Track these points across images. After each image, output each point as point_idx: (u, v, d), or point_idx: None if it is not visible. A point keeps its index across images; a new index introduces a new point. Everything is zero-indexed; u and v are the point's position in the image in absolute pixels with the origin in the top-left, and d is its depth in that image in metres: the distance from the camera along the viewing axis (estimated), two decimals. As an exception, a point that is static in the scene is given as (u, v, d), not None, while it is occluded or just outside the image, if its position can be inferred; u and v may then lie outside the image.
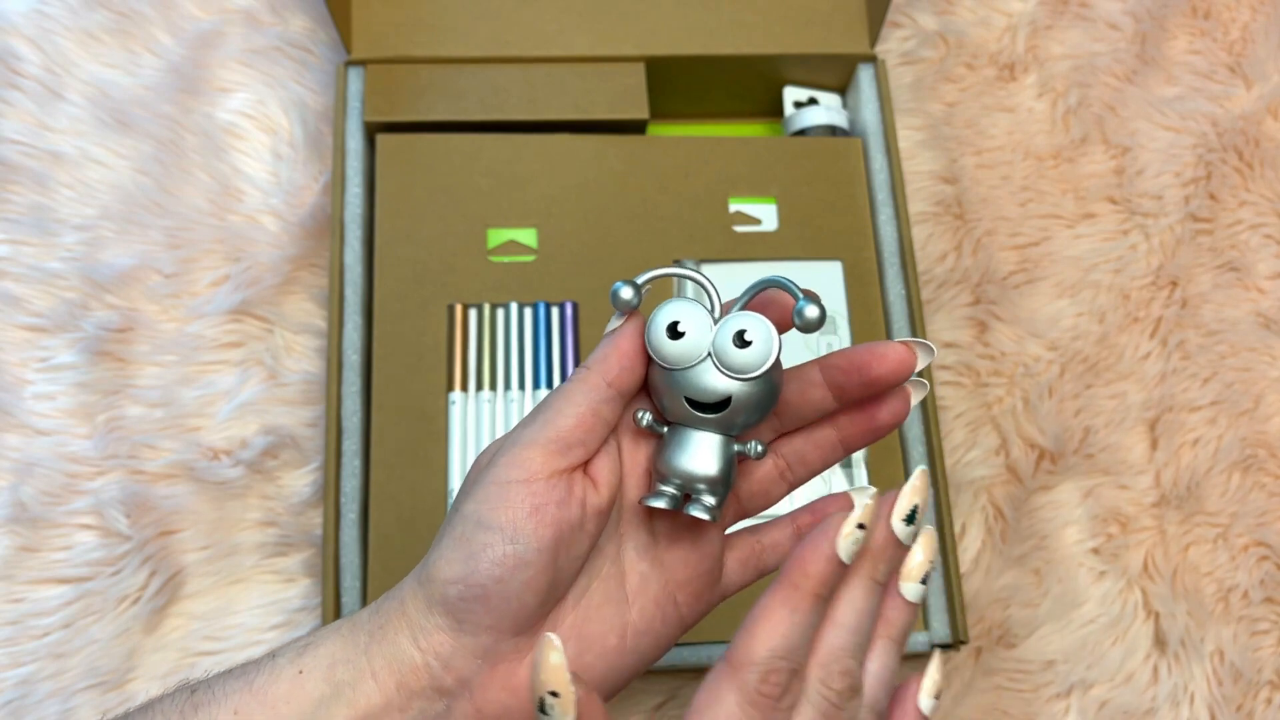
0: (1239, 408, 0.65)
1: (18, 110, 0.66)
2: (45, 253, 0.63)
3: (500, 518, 0.31)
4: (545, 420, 0.32)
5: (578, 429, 0.32)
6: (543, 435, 0.32)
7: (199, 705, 0.31)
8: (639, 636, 0.34)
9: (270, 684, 0.32)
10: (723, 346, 0.32)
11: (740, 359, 0.32)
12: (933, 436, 0.58)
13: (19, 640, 0.56)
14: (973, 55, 0.72)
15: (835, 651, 0.29)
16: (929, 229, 0.68)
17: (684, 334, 0.32)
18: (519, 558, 0.31)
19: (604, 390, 0.33)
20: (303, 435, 0.61)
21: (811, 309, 0.31)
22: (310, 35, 0.69)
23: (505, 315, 0.60)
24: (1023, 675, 0.59)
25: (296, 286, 0.64)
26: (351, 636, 0.33)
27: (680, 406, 0.33)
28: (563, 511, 0.31)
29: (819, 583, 0.29)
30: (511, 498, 0.31)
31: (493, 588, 0.31)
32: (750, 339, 0.32)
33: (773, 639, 0.28)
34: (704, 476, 0.33)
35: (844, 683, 0.29)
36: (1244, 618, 0.60)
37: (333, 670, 0.32)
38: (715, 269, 0.61)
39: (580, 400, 0.32)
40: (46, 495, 0.58)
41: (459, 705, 0.32)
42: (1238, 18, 0.74)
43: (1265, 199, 0.70)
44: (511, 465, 0.31)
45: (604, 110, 0.63)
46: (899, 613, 0.31)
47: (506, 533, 0.31)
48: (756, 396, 0.32)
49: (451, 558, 0.31)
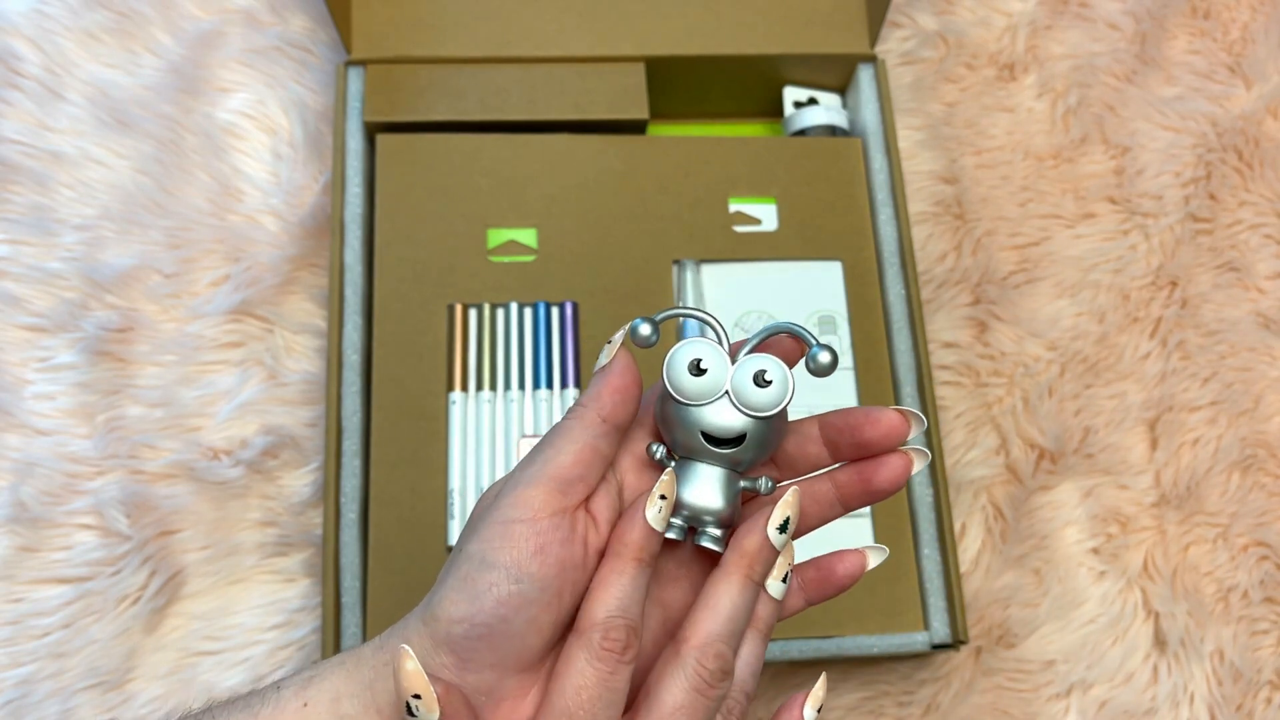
0: (1239, 408, 0.65)
1: (18, 110, 0.66)
2: (45, 253, 0.63)
3: (504, 557, 0.31)
4: (545, 459, 0.33)
5: (577, 465, 0.33)
6: (543, 474, 0.32)
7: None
8: (642, 673, 0.34)
9: (275, 716, 0.32)
10: (742, 385, 0.34)
11: (759, 398, 0.33)
12: (933, 436, 0.58)
13: (19, 640, 0.56)
14: (973, 55, 0.72)
15: (710, 635, 0.32)
16: (929, 229, 0.68)
17: (706, 371, 0.34)
18: (523, 596, 0.31)
19: (600, 426, 0.33)
20: (303, 435, 0.61)
21: (824, 354, 0.33)
22: (310, 35, 0.69)
23: (505, 315, 0.60)
24: (1023, 675, 0.59)
25: (296, 286, 0.64)
26: (356, 671, 0.33)
27: (694, 440, 0.34)
28: (566, 550, 0.32)
29: (637, 549, 0.32)
30: (515, 537, 0.31)
31: (497, 626, 0.31)
32: (770, 379, 0.34)
33: (607, 601, 0.32)
34: (713, 510, 0.34)
35: (717, 664, 0.32)
36: (1244, 618, 0.60)
37: (337, 704, 0.32)
38: (715, 269, 0.61)
39: (578, 437, 0.33)
40: (46, 495, 0.58)
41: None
42: (1238, 18, 0.74)
43: (1265, 199, 0.70)
44: (514, 505, 0.32)
45: (604, 110, 0.63)
46: (765, 608, 0.35)
47: (511, 572, 0.31)
48: (766, 434, 0.34)
49: (456, 598, 0.32)
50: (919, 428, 0.34)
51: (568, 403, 0.58)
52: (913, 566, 0.56)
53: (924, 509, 0.57)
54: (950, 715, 0.58)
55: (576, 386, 0.58)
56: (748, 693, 0.34)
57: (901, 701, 0.58)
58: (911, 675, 0.59)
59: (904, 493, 0.57)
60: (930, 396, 0.59)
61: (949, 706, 0.58)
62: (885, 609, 0.55)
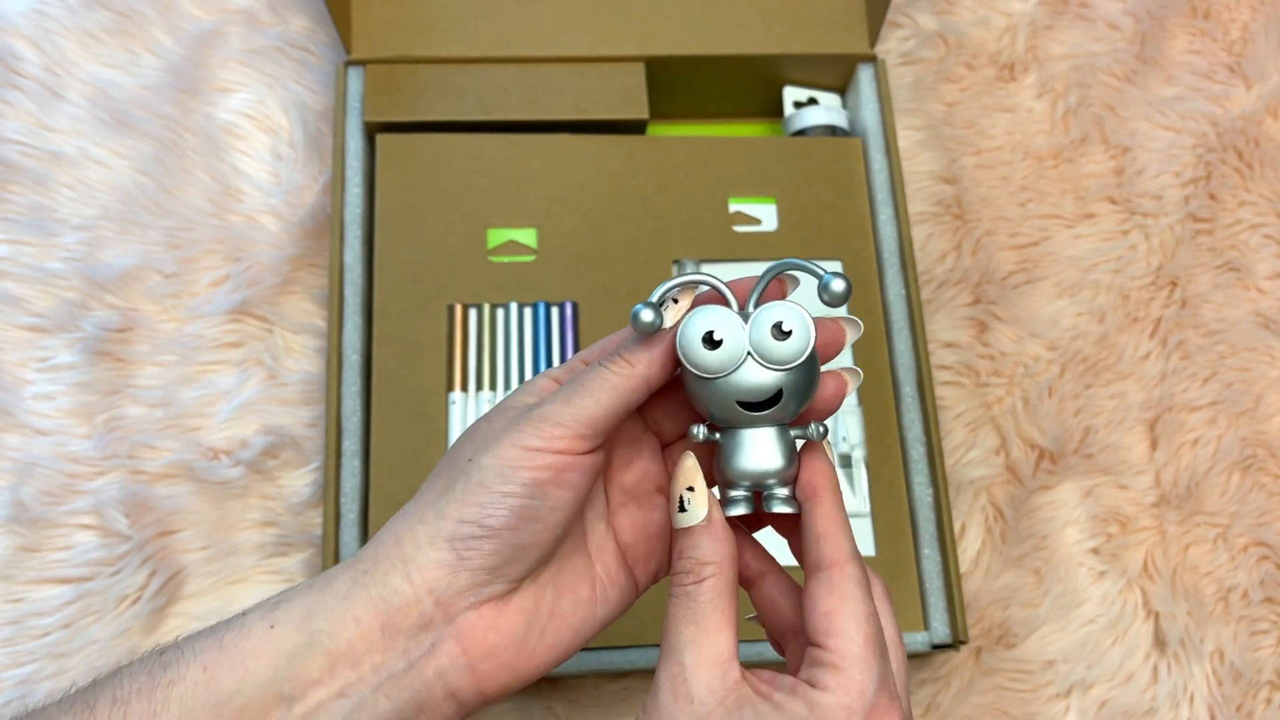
0: (1239, 408, 0.65)
1: (18, 110, 0.66)
2: (45, 253, 0.63)
3: (526, 476, 0.32)
4: (580, 405, 0.33)
5: (607, 420, 0.33)
6: (575, 420, 0.33)
7: (167, 665, 0.32)
8: (605, 589, 0.36)
9: (240, 640, 0.32)
10: (762, 342, 0.33)
11: (783, 350, 0.32)
12: (933, 436, 0.58)
13: (19, 640, 0.56)
14: (972, 55, 0.72)
15: (850, 552, 0.34)
16: (929, 229, 0.68)
17: (721, 341, 0.33)
18: (535, 511, 0.32)
19: (642, 390, 0.34)
20: (303, 435, 0.61)
21: (837, 282, 0.32)
22: (310, 35, 0.69)
23: (505, 315, 0.60)
24: (1023, 675, 0.59)
25: (296, 286, 0.64)
26: (329, 586, 0.33)
27: (731, 410, 0.33)
28: (583, 480, 0.33)
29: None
30: (538, 462, 0.32)
31: (505, 533, 0.32)
32: (789, 329, 0.32)
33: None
34: (775, 470, 0.33)
35: (862, 570, 0.34)
36: (1244, 618, 0.60)
37: (308, 620, 0.32)
38: (715, 269, 0.61)
39: (618, 396, 0.33)
40: (46, 495, 0.58)
41: (444, 645, 0.33)
42: (1238, 18, 0.74)
43: (1265, 199, 0.70)
44: (539, 435, 0.33)
45: (604, 110, 0.63)
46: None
47: (529, 489, 0.32)
48: (802, 382, 0.33)
49: (468, 500, 0.33)
50: (855, 333, 0.35)
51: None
52: (912, 566, 0.56)
53: (924, 509, 0.57)
54: (950, 715, 0.58)
55: (576, 386, 0.58)
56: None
57: (901, 701, 0.58)
58: (911, 675, 0.59)
59: (904, 493, 0.57)
60: (930, 396, 0.59)
61: (949, 706, 0.58)
62: (885, 609, 0.55)
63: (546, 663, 0.34)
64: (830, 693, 0.31)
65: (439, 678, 0.33)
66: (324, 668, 0.32)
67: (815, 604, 0.32)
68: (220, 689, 0.31)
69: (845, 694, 0.30)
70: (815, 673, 0.31)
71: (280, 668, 0.32)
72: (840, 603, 0.32)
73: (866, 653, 0.31)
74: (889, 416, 0.59)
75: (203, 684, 0.31)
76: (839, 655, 0.31)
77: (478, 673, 0.33)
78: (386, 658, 0.32)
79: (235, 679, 0.31)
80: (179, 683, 0.31)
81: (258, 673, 0.31)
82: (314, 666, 0.32)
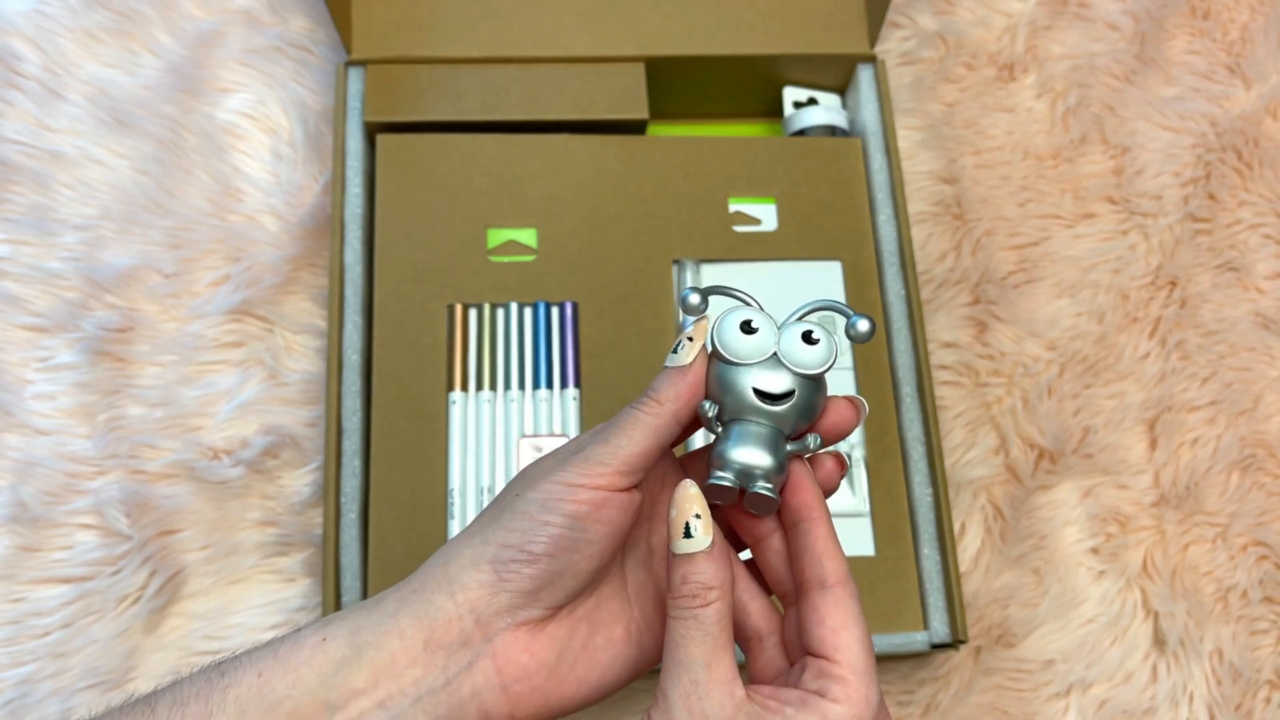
0: (1238, 408, 0.65)
1: (18, 110, 0.66)
2: (45, 253, 0.63)
3: (567, 508, 0.34)
4: (616, 445, 0.35)
5: (643, 457, 0.35)
6: (614, 458, 0.35)
7: (225, 672, 0.34)
8: (640, 632, 0.38)
9: (294, 651, 0.34)
10: (790, 344, 0.36)
11: (807, 355, 0.36)
12: (932, 436, 0.58)
13: (19, 640, 0.56)
14: (972, 55, 0.72)
15: (847, 573, 0.36)
16: (929, 229, 0.68)
17: (756, 330, 0.36)
18: (573, 541, 0.34)
19: (673, 426, 0.36)
20: (303, 435, 0.61)
21: (864, 322, 0.36)
22: (310, 35, 0.69)
23: (505, 315, 0.60)
24: (1022, 675, 0.59)
25: (296, 286, 0.64)
26: (379, 605, 0.35)
27: (745, 398, 0.36)
28: (622, 516, 0.35)
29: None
30: (579, 497, 0.35)
31: (544, 560, 0.34)
32: (817, 338, 0.36)
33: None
34: (763, 467, 0.35)
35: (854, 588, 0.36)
36: (1243, 617, 0.61)
37: (356, 634, 0.34)
38: (715, 269, 0.61)
39: (652, 434, 0.35)
40: (47, 495, 0.59)
41: (480, 663, 0.35)
42: (1237, 18, 0.74)
43: (1264, 199, 0.70)
44: (580, 473, 0.35)
45: (604, 110, 0.63)
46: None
47: (569, 520, 0.34)
48: (811, 397, 0.36)
49: (512, 527, 0.35)
50: (864, 412, 0.38)
51: (568, 402, 0.58)
52: (912, 566, 0.56)
53: (923, 509, 0.57)
54: (950, 715, 0.58)
55: (576, 386, 0.58)
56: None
57: (901, 701, 0.58)
58: (911, 675, 0.59)
59: (903, 492, 0.58)
60: (930, 396, 0.59)
61: (948, 706, 0.58)
62: (884, 608, 0.55)
63: (577, 694, 0.36)
64: (841, 705, 0.32)
65: (474, 696, 0.34)
66: (368, 678, 0.34)
67: (822, 619, 0.34)
68: (273, 693, 0.33)
69: (854, 705, 0.33)
70: (823, 685, 0.33)
71: (328, 676, 0.34)
72: (846, 619, 0.34)
73: (869, 666, 0.33)
74: (889, 416, 0.59)
75: (257, 688, 0.33)
76: (848, 669, 0.33)
77: (510, 694, 0.35)
78: (427, 672, 0.34)
79: (287, 685, 0.33)
80: (235, 686, 0.33)
81: (307, 680, 0.33)
82: (359, 677, 0.34)
